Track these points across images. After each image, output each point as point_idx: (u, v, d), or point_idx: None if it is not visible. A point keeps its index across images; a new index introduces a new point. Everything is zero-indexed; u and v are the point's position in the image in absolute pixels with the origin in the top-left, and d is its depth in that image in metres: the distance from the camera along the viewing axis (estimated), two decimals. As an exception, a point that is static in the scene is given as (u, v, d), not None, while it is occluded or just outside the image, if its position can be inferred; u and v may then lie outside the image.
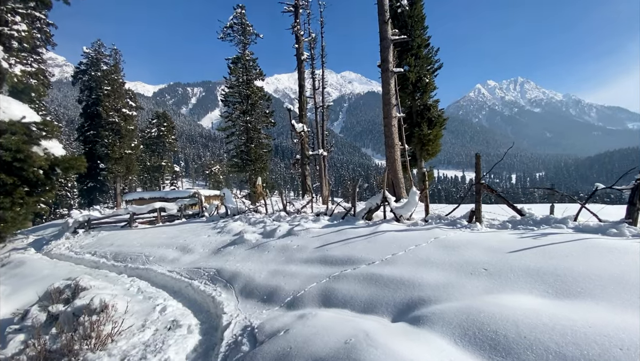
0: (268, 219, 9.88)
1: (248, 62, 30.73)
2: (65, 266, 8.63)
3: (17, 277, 7.73)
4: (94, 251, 10.06)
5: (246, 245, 7.56)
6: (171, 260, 7.93)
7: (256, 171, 30.58)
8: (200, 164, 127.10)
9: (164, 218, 15.19)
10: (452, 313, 2.48)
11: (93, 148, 35.43)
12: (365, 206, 7.80)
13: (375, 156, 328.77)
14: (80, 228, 13.82)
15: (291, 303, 4.13)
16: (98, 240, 11.74)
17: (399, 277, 3.73)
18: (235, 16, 30.53)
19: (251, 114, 30.49)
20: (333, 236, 6.38)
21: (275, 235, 7.63)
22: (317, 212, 9.53)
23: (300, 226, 7.57)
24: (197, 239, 9.09)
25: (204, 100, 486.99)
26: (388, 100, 13.35)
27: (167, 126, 53.92)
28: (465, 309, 2.48)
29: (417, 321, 2.61)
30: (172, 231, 11.41)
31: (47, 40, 31.65)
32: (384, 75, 13.41)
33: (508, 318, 2.23)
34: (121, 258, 8.90)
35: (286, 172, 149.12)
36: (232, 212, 13.04)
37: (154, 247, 9.16)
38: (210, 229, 10.33)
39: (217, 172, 72.99)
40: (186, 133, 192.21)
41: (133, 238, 10.87)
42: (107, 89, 35.55)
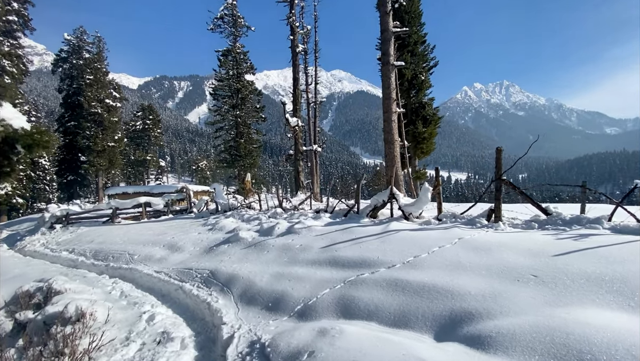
0: (263, 216, 9.27)
1: (239, 55, 29.80)
2: (38, 265, 7.79)
3: None
4: (72, 248, 9.21)
5: (242, 244, 6.95)
6: (158, 259, 7.23)
7: (245, 167, 29.76)
8: (186, 159, 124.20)
9: (150, 213, 14.32)
10: (526, 334, 2.01)
11: (74, 140, 33.74)
12: (370, 203, 7.31)
13: (363, 155, 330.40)
14: (57, 223, 12.82)
15: (302, 312, 3.58)
16: (77, 236, 10.84)
17: (430, 284, 3.24)
18: (226, 7, 29.51)
19: (241, 109, 29.63)
20: (339, 235, 5.85)
21: (274, 233, 7.05)
22: (317, 209, 8.98)
23: (301, 224, 7.01)
24: (186, 237, 8.39)
25: (191, 94, 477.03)
26: (388, 94, 12.90)
27: (153, 119, 52.13)
28: (541, 328, 2.01)
29: (479, 343, 2.13)
30: (159, 227, 10.64)
31: (26, 24, 29.87)
32: (384, 68, 12.95)
33: (602, 341, 1.77)
34: (102, 256, 8.12)
35: (274, 170, 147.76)
36: (223, 208, 12.33)
37: (139, 245, 8.41)
38: (201, 226, 9.64)
39: (205, 168, 71.37)
40: (172, 128, 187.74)
41: (116, 235, 10.05)
42: (89, 78, 33.85)
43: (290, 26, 19.83)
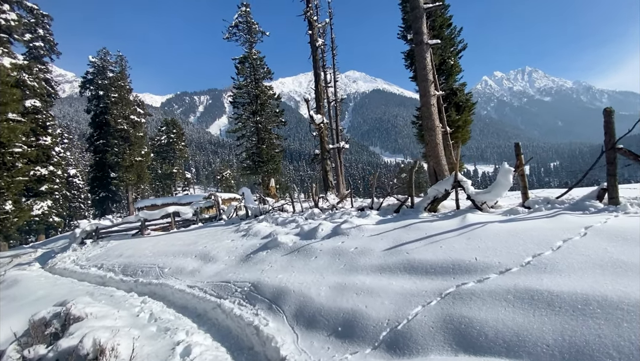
0: (299, 218, 8.34)
1: (255, 61, 29.49)
2: (65, 284, 7.26)
3: (5, 300, 6.39)
4: (100, 263, 8.69)
5: (282, 249, 6.02)
6: (190, 272, 6.44)
7: (269, 173, 29.31)
8: (210, 170, 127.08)
9: (179, 223, 13.82)
10: None
11: (103, 157, 34.69)
12: (427, 195, 6.16)
13: (383, 154, 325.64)
14: (88, 239, 12.55)
15: (392, 341, 2.55)
16: (106, 251, 10.39)
17: (601, 296, 2.10)
18: (240, 14, 29.32)
19: (261, 114, 29.28)
20: (402, 234, 4.77)
21: (318, 235, 6.06)
22: (359, 206, 7.93)
23: (348, 223, 5.98)
24: (219, 245, 7.59)
25: (211, 107, 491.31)
26: (425, 76, 11.67)
27: (177, 133, 53.18)
28: None
29: None
30: (189, 237, 9.98)
31: (52, 49, 31.06)
32: (417, 49, 11.74)
33: None
34: (131, 271, 7.48)
35: (295, 175, 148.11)
36: (253, 213, 11.55)
37: (169, 256, 7.71)
38: (233, 233, 8.85)
39: (229, 177, 72.22)
40: (195, 141, 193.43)
41: (145, 247, 9.47)
42: (114, 96, 34.77)
43: (308, 21, 19.04)
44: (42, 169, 29.01)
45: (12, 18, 9.23)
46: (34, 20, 29.47)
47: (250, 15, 29.29)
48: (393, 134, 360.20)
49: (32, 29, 29.40)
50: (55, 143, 37.04)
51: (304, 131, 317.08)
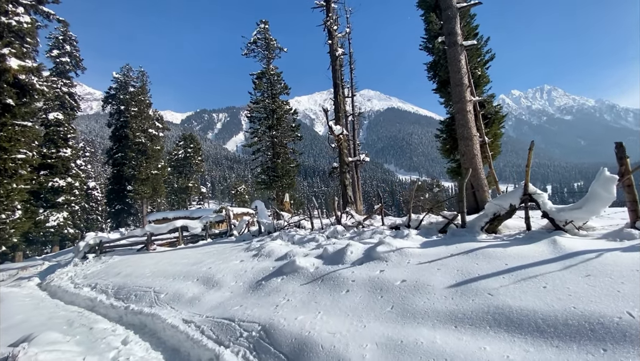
0: (320, 237, 7.13)
1: (273, 77, 29.38)
2: (49, 308, 6.25)
3: None
4: (95, 283, 7.69)
5: (301, 276, 4.81)
6: (189, 300, 5.30)
7: (283, 188, 28.54)
8: (226, 185, 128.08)
9: (187, 238, 12.85)
10: None
11: (121, 170, 34.85)
12: (486, 211, 4.88)
13: (398, 171, 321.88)
14: (91, 253, 11.70)
15: None
16: (106, 268, 9.44)
17: None
18: (259, 31, 29.50)
19: (277, 129, 28.89)
20: (467, 263, 3.50)
21: (347, 260, 4.83)
22: (392, 224, 6.66)
23: (385, 245, 4.73)
24: (226, 267, 6.45)
25: (229, 125, 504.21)
26: (459, 80, 10.54)
27: (194, 147, 53.62)
28: None
29: None
30: (195, 254, 8.91)
31: (77, 65, 31.96)
32: (450, 51, 10.69)
33: None
34: (124, 294, 6.41)
35: (309, 191, 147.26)
36: (267, 229, 10.43)
37: (169, 278, 6.61)
38: (243, 252, 7.71)
39: (243, 192, 72.02)
40: (212, 157, 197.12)
41: (146, 265, 8.45)
42: (134, 110, 35.22)
43: (328, 30, 18.50)
44: (61, 180, 29.18)
45: (26, 21, 8.80)
46: (62, 37, 30.64)
47: (268, 32, 29.44)
48: (408, 152, 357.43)
49: (60, 45, 30.54)
50: (77, 156, 37.68)
51: (318, 147, 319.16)
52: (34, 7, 10.01)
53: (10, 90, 8.87)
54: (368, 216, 7.68)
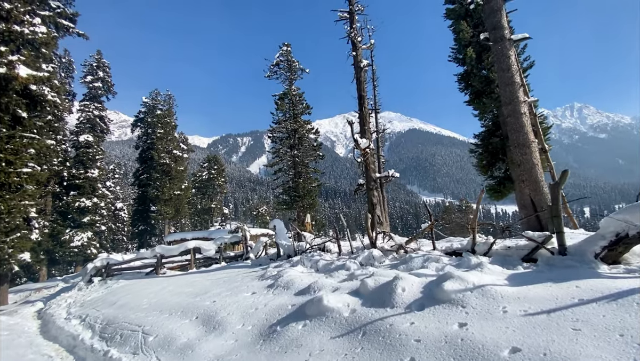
0: (351, 263, 5.65)
1: (295, 97, 29.18)
2: (21, 347, 5.10)
3: None
4: (86, 314, 6.55)
5: (331, 323, 3.36)
6: (181, 348, 3.95)
7: (305, 208, 27.44)
8: (248, 207, 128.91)
9: (200, 261, 11.69)
10: None
11: (145, 191, 35.13)
12: (601, 231, 3.30)
13: (422, 192, 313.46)
14: (97, 276, 10.76)
15: None
16: (106, 294, 8.35)
17: None
18: (282, 54, 29.69)
19: (299, 148, 28.29)
20: (627, 319, 1.95)
21: (397, 300, 3.34)
22: (448, 249, 5.11)
23: (455, 281, 3.21)
24: (233, 301, 5.10)
25: (252, 148, 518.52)
26: (509, 79, 9.06)
27: (217, 169, 54.24)
28: None
29: None
30: (203, 281, 7.65)
31: (109, 89, 33.31)
32: (496, 47, 9.30)
33: None
34: (110, 331, 5.17)
35: (330, 212, 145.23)
36: (286, 252, 9.05)
37: (165, 313, 5.32)
38: (257, 280, 6.35)
39: (264, 213, 71.56)
40: (236, 179, 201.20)
41: (146, 293, 7.25)
42: (160, 132, 35.92)
43: (352, 42, 17.75)
44: (87, 200, 29.54)
45: (41, 31, 8.44)
46: (96, 64, 32.23)
47: (291, 54, 29.56)
48: (431, 173, 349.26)
49: (93, 71, 32.10)
50: (105, 177, 38.69)
51: (339, 169, 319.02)
52: (51, 17, 9.78)
53: (20, 100, 8.28)
54: (412, 238, 6.12)
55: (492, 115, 17.65)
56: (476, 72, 16.60)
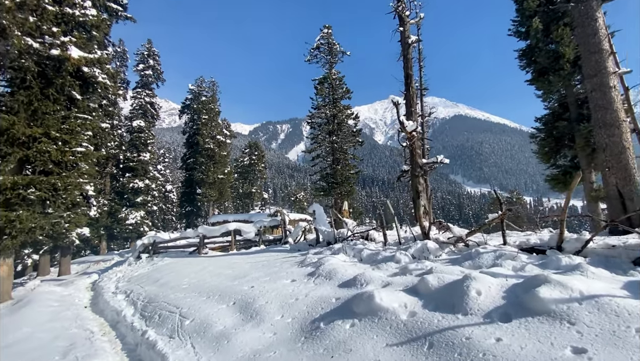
0: (402, 255, 4.99)
1: (335, 81, 28.21)
2: (68, 319, 5.26)
3: None
4: (131, 290, 6.70)
5: (386, 327, 2.80)
6: (217, 336, 3.67)
7: (342, 195, 26.84)
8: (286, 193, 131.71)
9: (240, 243, 11.74)
10: None
11: (192, 174, 36.84)
12: None
13: (466, 183, 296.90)
14: (145, 253, 11.27)
15: None
16: (152, 271, 8.60)
17: None
18: (322, 36, 28.71)
19: (337, 134, 27.49)
20: None
21: (470, 305, 2.67)
22: (524, 244, 4.23)
23: (553, 287, 2.45)
24: (272, 288, 4.75)
25: (291, 135, 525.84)
26: (596, 46, 7.53)
27: (258, 155, 55.46)
28: None
29: None
30: (242, 264, 7.50)
31: (158, 77, 34.94)
32: (579, 8, 7.76)
33: None
34: (150, 310, 5.13)
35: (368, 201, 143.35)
36: (325, 238, 8.61)
37: (202, 296, 5.15)
38: (296, 266, 5.97)
39: (302, 198, 72.45)
40: (275, 165, 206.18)
41: (187, 273, 7.27)
42: (204, 118, 37.15)
43: (399, 16, 16.34)
44: (140, 182, 31.73)
45: (92, 14, 8.59)
46: (147, 52, 33.91)
47: (331, 36, 28.52)
48: (477, 162, 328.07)
49: (145, 60, 33.83)
50: (156, 161, 41.34)
51: (377, 157, 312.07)
52: (101, 1, 10.00)
53: (74, 82, 8.51)
54: (475, 230, 5.26)
55: (559, 95, 15.49)
56: (542, 47, 14.52)
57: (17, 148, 7.68)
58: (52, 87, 8.23)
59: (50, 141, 8.15)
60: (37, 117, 8.16)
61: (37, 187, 7.88)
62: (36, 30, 7.72)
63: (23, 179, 7.65)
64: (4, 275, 7.63)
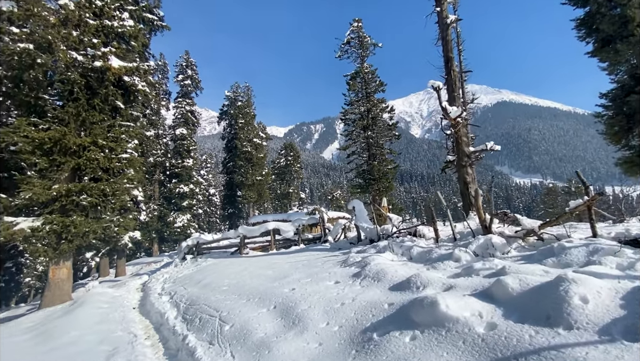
0: (462, 253, 4.32)
1: (367, 75, 27.25)
2: (115, 322, 5.30)
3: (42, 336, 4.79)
4: (175, 291, 6.72)
5: (458, 344, 2.24)
6: (257, 345, 3.33)
7: (380, 191, 25.82)
8: (322, 192, 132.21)
9: (279, 243, 11.58)
10: None
11: (232, 178, 38.08)
12: None
13: (514, 174, 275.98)
14: (189, 254, 11.55)
15: None
16: (195, 272, 8.69)
17: None
18: (353, 30, 27.92)
19: (372, 129, 26.52)
20: None
21: (578, 318, 2.01)
22: (617, 236, 3.39)
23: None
24: (315, 290, 4.35)
25: (325, 134, 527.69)
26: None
27: (293, 155, 56.04)
28: None
29: None
30: (282, 263, 7.23)
31: (197, 86, 36.58)
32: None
33: None
34: (192, 313, 5.00)
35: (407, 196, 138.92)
36: (368, 235, 8.05)
37: (242, 298, 4.91)
38: (339, 266, 5.53)
39: (339, 197, 72.05)
40: (310, 165, 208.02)
41: (228, 274, 7.16)
42: (241, 122, 38.20)
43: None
44: (185, 187, 33.44)
45: (129, 25, 8.89)
46: (185, 63, 35.65)
47: (362, 30, 27.64)
48: (526, 150, 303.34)
49: (183, 70, 35.61)
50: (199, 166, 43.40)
51: (415, 151, 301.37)
52: (138, 12, 10.36)
53: (116, 91, 8.80)
54: (552, 221, 4.37)
55: (629, 66, 13.40)
56: (604, 12, 12.60)
57: (69, 157, 8.11)
58: (97, 97, 8.61)
59: (98, 149, 8.53)
60: (86, 127, 8.59)
61: (89, 193, 8.28)
62: (79, 44, 8.10)
63: (76, 186, 8.07)
64: (63, 277, 8.14)
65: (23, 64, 7.45)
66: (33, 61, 7.48)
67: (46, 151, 7.84)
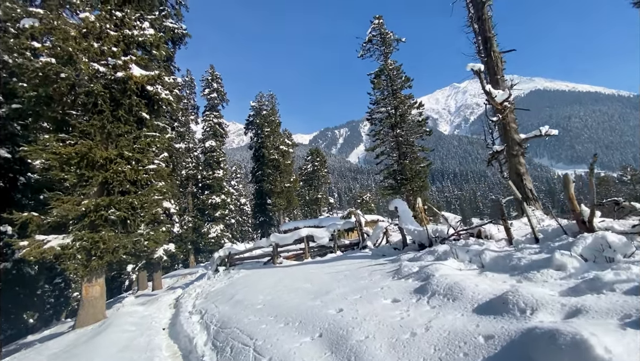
0: (564, 257, 3.23)
1: (392, 72, 26.00)
2: (139, 349, 4.68)
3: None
4: (205, 310, 6.09)
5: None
6: (304, 393, 2.50)
7: (414, 191, 24.23)
8: (351, 195, 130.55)
9: (314, 250, 10.78)
10: None
11: (261, 186, 38.20)
12: None
13: (554, 165, 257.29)
14: (222, 265, 11.07)
15: None
16: (227, 286, 8.09)
17: None
18: (374, 28, 26.94)
19: (401, 127, 25.12)
20: None
21: None
22: None
23: None
24: (368, 311, 3.45)
25: (350, 138, 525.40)
26: None
27: (320, 160, 55.57)
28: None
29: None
30: (321, 274, 6.38)
31: (223, 98, 37.23)
32: None
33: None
34: (223, 338, 4.28)
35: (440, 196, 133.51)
36: (416, 239, 6.99)
37: (280, 321, 4.11)
38: (391, 279, 4.58)
39: (369, 200, 70.40)
40: (337, 170, 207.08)
41: (262, 288, 6.44)
42: (267, 131, 38.32)
43: (466, -27, 13.99)
44: (217, 197, 33.85)
45: (150, 33, 8.65)
46: (211, 77, 36.47)
47: (383, 26, 26.56)
48: (567, 140, 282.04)
49: (209, 84, 36.43)
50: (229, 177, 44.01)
51: (445, 148, 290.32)
52: (158, 21, 10.18)
53: (140, 101, 8.50)
54: None
55: None
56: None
57: (96, 171, 7.87)
58: (121, 108, 8.38)
59: (124, 161, 8.25)
60: (111, 140, 8.35)
61: (117, 207, 7.98)
62: (101, 55, 7.89)
63: (104, 200, 7.80)
64: (97, 295, 7.87)
65: (47, 79, 7.32)
66: (56, 75, 7.34)
67: (74, 165, 7.65)
